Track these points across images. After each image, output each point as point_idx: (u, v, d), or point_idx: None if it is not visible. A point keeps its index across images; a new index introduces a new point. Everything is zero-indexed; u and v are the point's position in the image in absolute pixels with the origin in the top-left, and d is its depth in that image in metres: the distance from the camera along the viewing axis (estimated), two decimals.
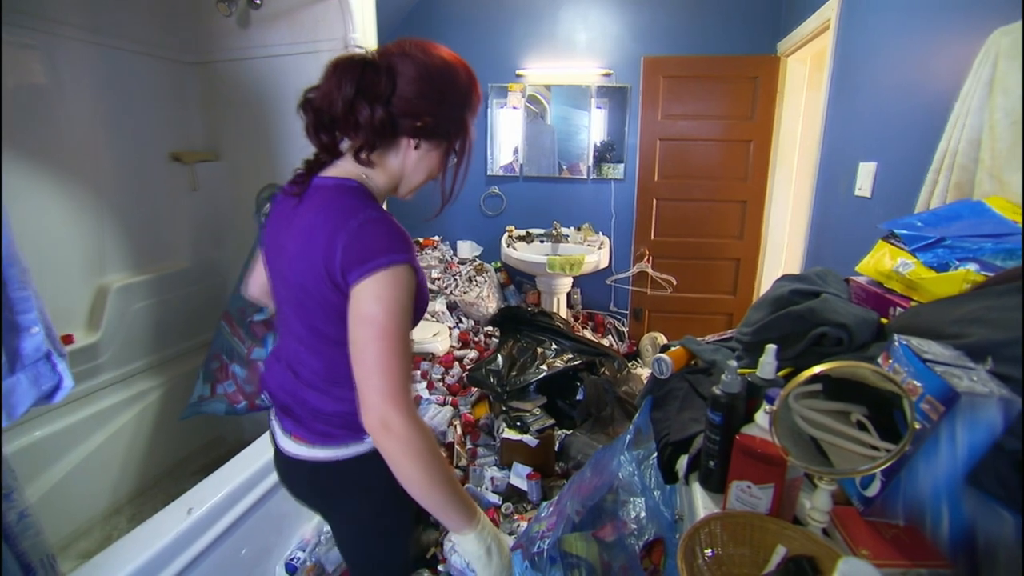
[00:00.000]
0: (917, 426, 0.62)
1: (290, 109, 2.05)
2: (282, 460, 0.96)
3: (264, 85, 2.05)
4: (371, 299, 0.73)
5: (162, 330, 2.10)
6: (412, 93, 0.79)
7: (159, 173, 2.06)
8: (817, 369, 0.64)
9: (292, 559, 1.58)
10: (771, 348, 0.78)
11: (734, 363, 0.77)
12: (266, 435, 1.60)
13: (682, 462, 0.90)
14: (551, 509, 1.40)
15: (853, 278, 1.16)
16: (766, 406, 0.69)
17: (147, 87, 1.99)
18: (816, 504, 0.66)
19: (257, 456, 1.50)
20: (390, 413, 0.73)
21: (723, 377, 0.77)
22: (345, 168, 0.84)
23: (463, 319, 3.02)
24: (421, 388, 2.47)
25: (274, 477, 1.52)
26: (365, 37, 1.90)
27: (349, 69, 0.78)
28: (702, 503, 0.80)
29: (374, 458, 0.80)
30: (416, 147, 0.84)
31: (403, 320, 0.75)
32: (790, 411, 0.68)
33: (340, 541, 1.06)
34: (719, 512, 0.71)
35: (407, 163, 0.86)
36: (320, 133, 0.83)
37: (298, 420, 0.90)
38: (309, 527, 1.68)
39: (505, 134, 3.15)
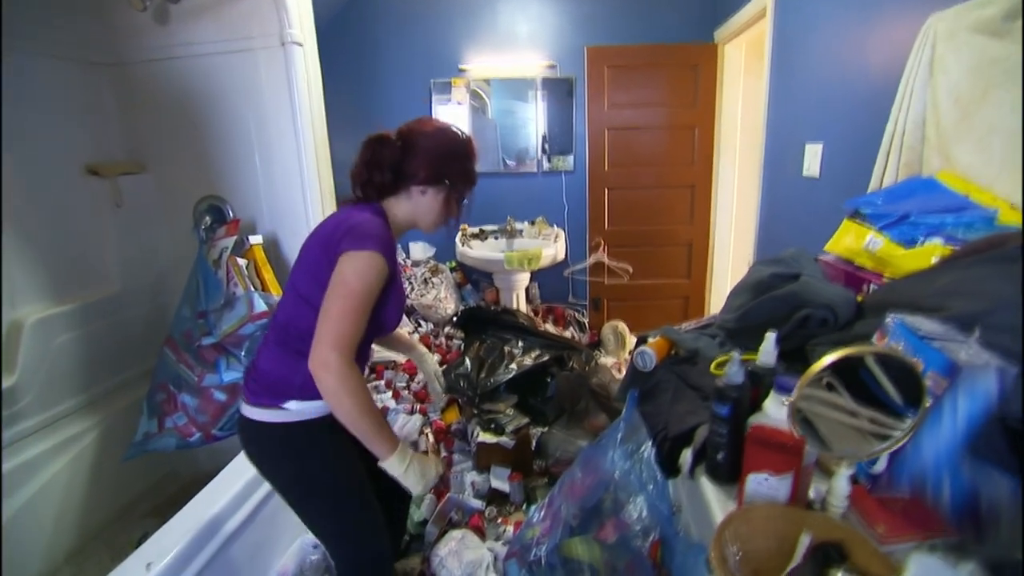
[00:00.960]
0: (928, 403, 0.64)
1: (225, 114, 1.91)
2: (239, 426, 1.15)
3: (193, 88, 1.87)
4: (350, 265, 0.98)
5: (93, 364, 1.88)
6: (415, 155, 1.11)
7: (73, 189, 1.84)
8: (828, 359, 0.64)
9: None
10: (771, 336, 0.79)
11: (737, 355, 0.76)
12: (228, 466, 1.49)
13: (686, 456, 0.89)
14: (542, 513, 1.37)
15: (821, 257, 1.20)
16: (784, 397, 0.68)
17: (50, 92, 1.76)
18: (835, 490, 0.67)
19: (221, 491, 1.38)
20: (331, 355, 0.94)
21: (727, 369, 0.76)
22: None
23: (422, 323, 2.93)
24: (387, 398, 2.38)
25: (245, 510, 1.40)
26: (303, 32, 1.77)
27: (368, 145, 1.12)
28: (713, 496, 0.79)
29: (300, 430, 1.08)
30: (423, 192, 1.13)
31: (367, 293, 0.99)
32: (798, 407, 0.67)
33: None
34: (740, 509, 0.70)
35: (418, 205, 1.15)
36: (358, 189, 1.15)
37: (247, 376, 1.14)
38: (286, 558, 1.57)
39: None
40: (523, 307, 3.00)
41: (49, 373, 1.75)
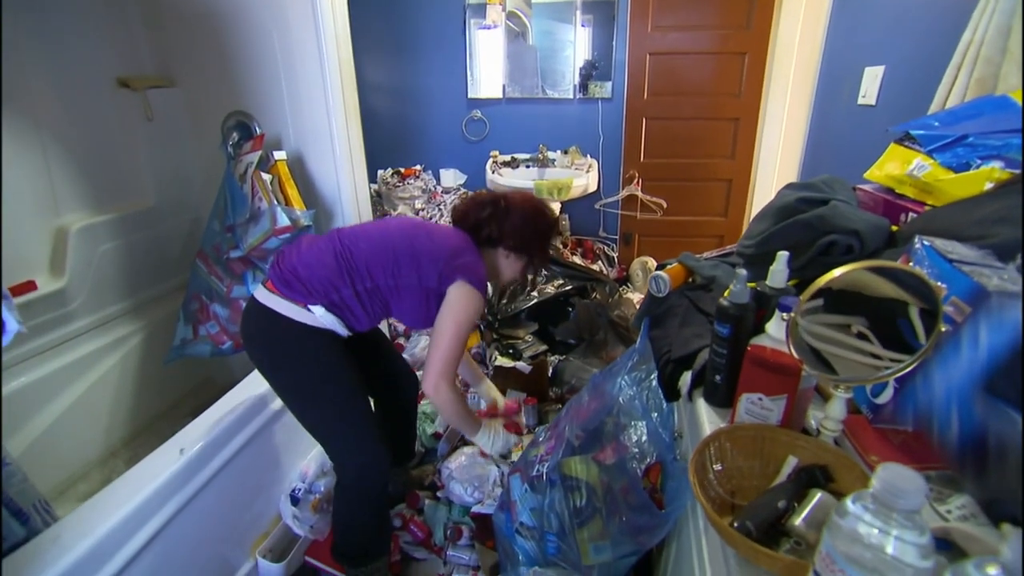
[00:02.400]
0: (943, 328, 0.59)
1: (249, 27, 1.86)
2: (249, 310, 1.22)
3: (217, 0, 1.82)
4: (464, 299, 1.18)
5: (135, 272, 1.99)
6: (513, 224, 1.29)
7: (106, 101, 1.87)
8: (839, 272, 0.59)
9: (295, 490, 1.59)
10: (783, 255, 0.74)
11: (744, 272, 0.72)
12: (256, 372, 1.58)
13: (685, 378, 0.88)
14: (548, 433, 1.40)
15: (860, 186, 1.11)
16: (782, 315, 0.65)
17: (78, 1, 1.76)
18: (830, 413, 0.64)
19: (248, 393, 1.47)
20: (441, 383, 1.21)
21: (732, 287, 0.73)
22: None
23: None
24: None
25: (269, 412, 1.50)
26: None
27: (483, 204, 1.31)
28: (707, 419, 0.78)
29: (318, 336, 1.18)
30: (507, 256, 1.33)
31: (470, 326, 1.22)
32: (800, 318, 0.64)
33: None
34: (727, 426, 0.69)
35: (500, 263, 1.35)
36: (458, 225, 1.34)
37: (281, 268, 1.19)
38: (308, 459, 1.68)
39: (486, 54, 2.92)
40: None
41: (96, 278, 1.86)
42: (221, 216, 1.76)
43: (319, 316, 1.16)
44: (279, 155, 1.75)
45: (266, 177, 1.67)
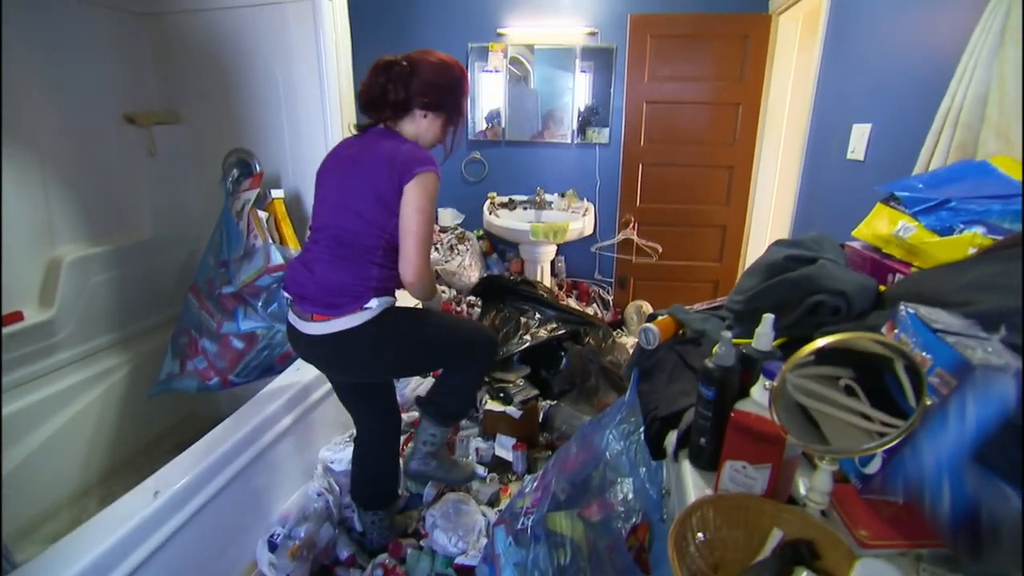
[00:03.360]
0: (928, 401, 0.58)
1: (254, 68, 1.92)
2: (308, 345, 1.29)
3: (225, 41, 1.88)
4: (422, 187, 1.18)
5: (125, 305, 1.98)
6: (421, 82, 1.25)
7: (111, 136, 1.91)
8: (820, 343, 0.59)
9: (273, 535, 1.53)
10: (768, 318, 0.73)
11: (728, 334, 0.72)
12: (240, 410, 1.55)
13: (671, 438, 0.86)
14: (535, 484, 1.36)
15: (849, 243, 1.11)
16: (765, 381, 0.64)
17: (90, 39, 1.81)
18: (816, 485, 0.62)
19: (230, 433, 1.44)
20: (422, 268, 1.21)
21: (716, 349, 0.72)
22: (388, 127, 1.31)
23: (445, 289, 2.94)
24: None
25: (251, 453, 1.46)
26: None
27: (382, 68, 1.25)
28: (692, 482, 0.76)
29: (382, 317, 1.24)
30: (424, 116, 1.29)
31: (433, 204, 1.22)
32: (784, 382, 0.63)
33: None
34: (711, 495, 0.67)
35: (420, 128, 1.30)
36: (368, 110, 1.30)
37: (313, 301, 1.24)
38: (289, 503, 1.63)
39: (487, 97, 3.01)
40: (547, 280, 2.97)
41: (85, 310, 1.85)
42: (216, 251, 1.76)
43: (376, 306, 1.23)
44: (276, 193, 1.77)
45: (262, 215, 1.68)
